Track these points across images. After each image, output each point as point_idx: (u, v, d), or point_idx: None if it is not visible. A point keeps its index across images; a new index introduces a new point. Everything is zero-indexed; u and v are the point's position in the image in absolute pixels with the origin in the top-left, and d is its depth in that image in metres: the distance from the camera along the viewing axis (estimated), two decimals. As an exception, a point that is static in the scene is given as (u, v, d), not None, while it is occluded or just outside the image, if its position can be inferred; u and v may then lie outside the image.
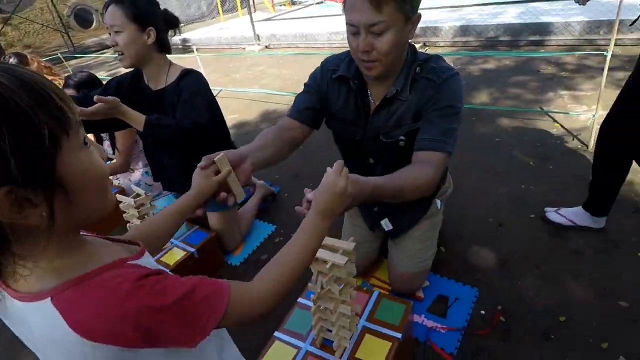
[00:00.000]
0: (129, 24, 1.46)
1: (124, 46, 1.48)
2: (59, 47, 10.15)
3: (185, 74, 1.60)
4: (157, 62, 1.59)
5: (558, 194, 2.06)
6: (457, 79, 1.14)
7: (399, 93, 1.14)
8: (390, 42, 1.01)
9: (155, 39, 1.53)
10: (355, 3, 0.98)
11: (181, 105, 1.54)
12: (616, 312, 1.42)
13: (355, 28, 1.01)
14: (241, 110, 4.11)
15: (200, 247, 1.79)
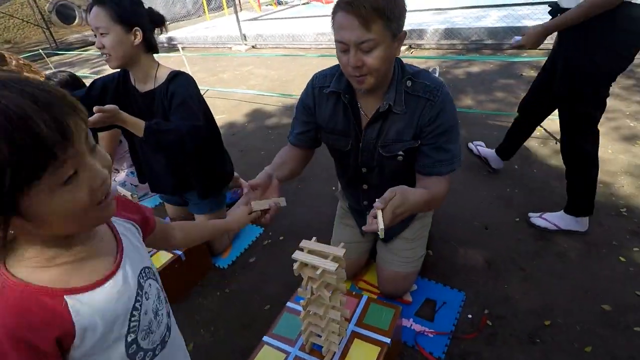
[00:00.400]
0: (114, 26, 1.42)
1: (110, 48, 1.44)
2: (40, 43, 9.90)
3: (174, 76, 1.57)
4: (144, 62, 1.56)
5: (542, 197, 2.10)
6: (449, 94, 1.20)
7: (392, 107, 1.18)
8: (380, 58, 1.05)
9: (142, 38, 1.49)
10: (345, 22, 1.02)
11: (176, 110, 1.51)
12: (599, 316, 1.45)
13: (345, 45, 1.05)
14: (229, 110, 4.07)
15: (187, 249, 1.76)
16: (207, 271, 1.91)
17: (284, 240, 2.06)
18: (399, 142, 1.24)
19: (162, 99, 1.56)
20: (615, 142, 2.51)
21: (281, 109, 3.90)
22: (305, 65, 5.25)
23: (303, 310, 1.12)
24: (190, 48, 7.54)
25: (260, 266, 1.92)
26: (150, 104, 1.60)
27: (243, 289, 1.80)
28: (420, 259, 1.58)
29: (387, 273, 1.55)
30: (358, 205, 1.53)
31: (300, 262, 1.02)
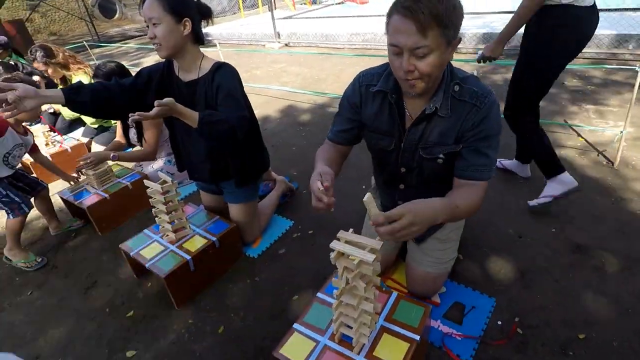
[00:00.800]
0: (166, 16, 1.48)
1: (162, 38, 1.50)
2: (83, 36, 10.36)
3: (219, 67, 1.62)
4: (191, 53, 1.61)
5: (580, 208, 2.04)
6: (497, 103, 1.18)
7: (438, 110, 1.18)
8: (433, 64, 1.04)
9: (191, 29, 1.55)
10: (401, 27, 1.00)
11: (224, 101, 1.56)
12: (639, 333, 1.40)
13: (399, 49, 1.04)
14: (262, 106, 4.14)
15: (221, 236, 1.81)
16: (238, 259, 1.97)
17: (313, 234, 2.09)
18: (440, 145, 1.24)
19: (206, 88, 1.61)
20: (662, 156, 2.40)
21: (313, 107, 3.94)
22: (338, 65, 5.27)
23: (336, 300, 1.14)
24: (225, 44, 7.71)
25: (290, 258, 1.95)
26: (192, 93, 1.65)
27: (273, 278, 1.84)
28: (451, 261, 1.57)
29: (417, 273, 1.55)
30: (392, 204, 1.53)
31: (338, 251, 1.04)
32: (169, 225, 1.79)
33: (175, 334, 1.62)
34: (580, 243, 1.82)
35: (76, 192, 2.39)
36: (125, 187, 2.39)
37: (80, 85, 1.56)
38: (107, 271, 2.03)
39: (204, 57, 1.67)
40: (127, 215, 2.46)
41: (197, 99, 1.64)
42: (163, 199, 1.69)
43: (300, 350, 1.22)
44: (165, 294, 1.76)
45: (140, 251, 1.78)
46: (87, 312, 1.79)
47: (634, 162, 2.38)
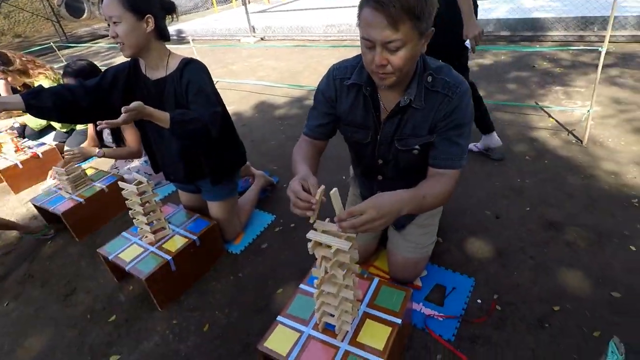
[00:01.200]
0: (126, 13, 1.43)
1: (124, 37, 1.46)
2: (51, 37, 10.01)
3: (187, 64, 1.58)
4: (156, 50, 1.57)
5: (554, 187, 2.10)
6: (469, 92, 1.18)
7: (412, 102, 1.17)
8: (405, 58, 1.03)
9: (154, 26, 1.51)
10: (372, 21, 0.97)
11: (195, 99, 1.53)
12: (609, 303, 1.46)
13: (370, 43, 1.02)
14: (239, 101, 4.10)
15: (201, 234, 1.80)
16: (220, 257, 1.96)
17: (295, 227, 2.09)
18: (415, 137, 1.24)
19: (175, 86, 1.58)
20: (628, 133, 2.49)
21: (290, 100, 3.92)
22: (314, 57, 5.25)
23: (317, 290, 1.15)
24: (199, 40, 7.57)
25: (273, 252, 1.95)
26: (161, 92, 1.62)
27: (256, 273, 1.84)
28: (431, 246, 1.60)
29: (398, 259, 1.57)
30: (371, 193, 1.55)
31: (315, 241, 1.05)
32: (147, 227, 1.76)
33: (159, 335, 1.60)
34: (553, 220, 1.88)
35: (50, 198, 2.33)
36: (101, 190, 2.33)
37: (41, 89, 1.51)
38: (86, 277, 1.99)
39: (171, 54, 1.63)
40: (104, 219, 2.41)
41: (166, 97, 1.61)
42: (139, 201, 1.66)
43: (284, 342, 1.23)
44: (147, 296, 1.74)
45: (119, 254, 1.75)
46: (67, 319, 1.76)
47: (602, 140, 2.46)
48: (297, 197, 1.01)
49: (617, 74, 3.35)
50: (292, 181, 1.06)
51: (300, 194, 1.01)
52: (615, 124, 2.62)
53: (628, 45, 3.99)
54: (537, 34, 4.54)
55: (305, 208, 1.00)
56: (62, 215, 2.16)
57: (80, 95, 1.58)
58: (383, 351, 1.16)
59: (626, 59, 3.66)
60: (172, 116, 1.41)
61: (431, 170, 1.24)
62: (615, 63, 3.57)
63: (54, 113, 1.54)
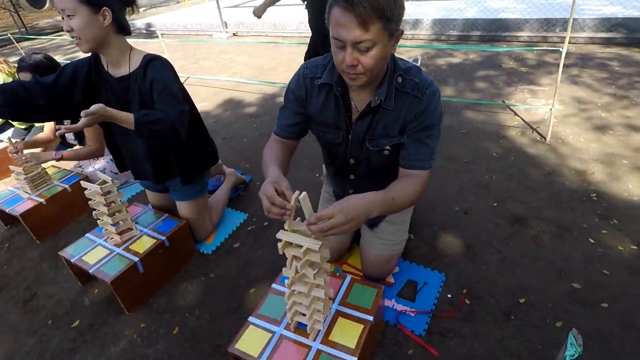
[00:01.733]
0: (80, 6, 1.35)
1: (79, 31, 1.37)
2: (9, 28, 9.47)
3: (150, 60, 1.51)
4: (116, 45, 1.49)
5: (519, 182, 2.18)
6: (438, 93, 1.19)
7: (383, 102, 1.18)
8: (376, 58, 1.03)
9: (112, 19, 1.42)
10: (342, 21, 0.97)
11: (160, 98, 1.47)
12: (570, 293, 1.53)
13: (341, 42, 1.01)
14: (211, 98, 4.01)
15: (170, 235, 1.75)
16: (191, 257, 1.91)
17: (267, 226, 2.07)
18: (386, 137, 1.25)
19: (139, 84, 1.51)
20: (588, 131, 2.61)
21: (263, 97, 3.87)
22: (286, 54, 5.21)
23: (288, 289, 1.14)
24: (169, 35, 7.36)
25: (245, 251, 1.93)
26: (125, 89, 1.55)
27: (228, 273, 1.81)
28: (403, 242, 1.62)
29: (371, 256, 1.59)
30: (344, 192, 1.55)
31: (285, 240, 1.04)
32: (112, 228, 1.69)
33: (126, 339, 1.55)
34: (519, 215, 1.95)
35: (7, 198, 2.20)
36: (63, 190, 2.23)
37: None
38: (47, 281, 1.90)
39: (133, 50, 1.55)
40: (68, 220, 2.30)
41: (131, 95, 1.54)
42: (104, 201, 1.59)
43: (255, 343, 1.21)
44: (114, 300, 1.68)
45: (82, 257, 1.68)
46: (27, 326, 1.67)
47: (564, 137, 2.57)
48: (271, 202, 1.00)
49: (577, 74, 3.51)
50: (265, 184, 1.04)
51: (274, 199, 1.00)
52: (576, 122, 2.74)
53: (586, 47, 4.18)
54: (504, 34, 4.69)
55: (280, 214, 1.00)
56: (20, 217, 2.05)
57: (36, 92, 1.49)
58: (355, 349, 1.16)
59: (585, 59, 3.83)
60: (137, 117, 1.36)
61: (401, 171, 1.25)
62: (575, 63, 3.74)
63: (7, 110, 1.44)
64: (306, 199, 0.96)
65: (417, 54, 4.41)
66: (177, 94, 1.50)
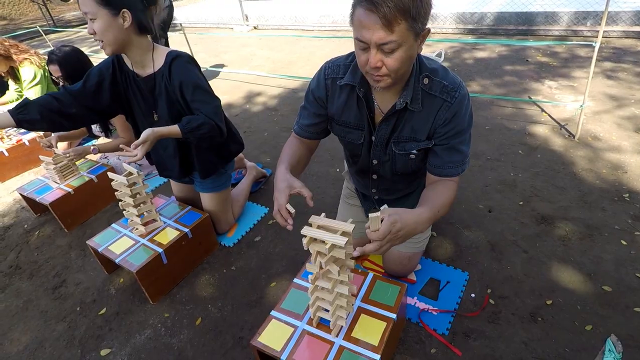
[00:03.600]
0: (101, 10, 1.36)
1: (100, 34, 1.40)
2: (37, 20, 9.74)
3: (173, 59, 1.53)
4: (139, 45, 1.50)
5: (545, 180, 2.11)
6: (467, 95, 1.15)
7: (408, 104, 1.14)
8: (401, 59, 0.99)
9: (132, 20, 1.42)
10: (366, 21, 0.93)
11: (194, 97, 1.52)
12: (600, 296, 1.48)
13: (365, 44, 0.98)
14: (231, 91, 4.03)
15: (193, 227, 1.77)
16: (213, 249, 1.93)
17: (288, 220, 2.07)
18: (413, 141, 1.22)
19: (165, 83, 1.54)
20: (620, 129, 2.51)
21: (284, 91, 3.87)
22: (308, 47, 5.19)
23: (311, 285, 1.14)
24: (191, 28, 7.42)
25: (266, 245, 1.94)
26: (152, 88, 1.58)
27: (249, 266, 1.82)
28: (425, 240, 1.59)
29: (393, 253, 1.57)
30: (366, 190, 1.54)
31: (309, 236, 1.03)
32: (137, 219, 1.73)
33: (151, 328, 1.59)
34: (546, 214, 1.90)
35: (37, 187, 2.27)
36: (90, 180, 2.29)
37: (27, 102, 1.47)
38: (75, 269, 1.96)
39: (155, 48, 1.56)
40: (94, 210, 2.36)
41: (158, 93, 1.59)
42: (130, 192, 1.62)
43: (278, 337, 1.22)
44: (138, 289, 1.72)
45: (109, 246, 1.72)
46: (56, 312, 1.73)
47: (594, 135, 2.48)
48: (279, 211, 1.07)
49: (610, 69, 3.37)
50: (280, 192, 1.09)
51: (282, 210, 1.07)
52: (608, 119, 2.64)
53: (621, 41, 4.01)
54: (532, 28, 4.54)
55: (283, 224, 1.07)
56: (50, 206, 2.11)
57: (67, 101, 1.54)
58: (378, 346, 1.15)
59: (618, 54, 3.68)
60: (182, 128, 1.45)
61: (432, 178, 1.22)
62: (608, 58, 3.59)
63: (44, 124, 1.51)
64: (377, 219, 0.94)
65: (441, 48, 4.32)
66: (208, 88, 1.54)
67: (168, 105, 1.58)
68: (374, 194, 1.50)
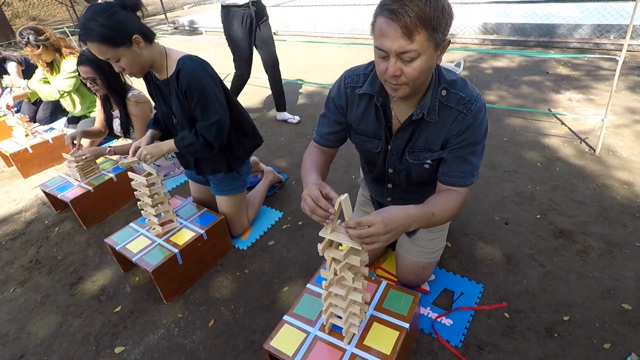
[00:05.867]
0: (117, 50, 1.42)
1: (130, 67, 1.48)
2: (65, 21, 10.04)
3: (182, 66, 1.56)
4: (153, 56, 1.55)
5: (564, 194, 2.08)
6: (484, 108, 1.15)
7: (425, 115, 1.15)
8: (420, 69, 0.99)
9: (142, 38, 1.47)
10: (387, 30, 0.94)
11: (196, 108, 1.59)
12: (619, 314, 1.44)
13: (384, 52, 0.99)
14: (250, 96, 4.08)
15: (209, 229, 1.79)
16: (227, 252, 1.95)
17: (302, 225, 2.08)
18: (427, 151, 1.22)
19: (176, 88, 1.60)
20: (643, 143, 2.46)
21: (302, 96, 3.90)
22: (327, 54, 5.22)
23: (325, 291, 1.14)
24: (212, 32, 7.55)
25: (279, 249, 1.95)
26: (168, 91, 1.65)
27: (262, 270, 1.84)
28: (440, 250, 1.58)
29: (407, 262, 1.56)
30: (382, 199, 1.54)
31: (326, 242, 1.04)
32: (155, 219, 1.76)
33: (164, 328, 1.61)
34: (564, 228, 1.86)
35: (59, 184, 2.33)
36: (109, 179, 2.34)
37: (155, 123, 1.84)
38: (93, 266, 2.00)
39: (168, 54, 1.60)
40: (113, 208, 2.41)
41: (172, 98, 1.65)
42: (148, 192, 1.66)
43: (290, 342, 1.22)
44: (153, 288, 1.75)
45: (126, 245, 1.75)
46: (73, 308, 1.77)
47: (615, 149, 2.43)
48: (317, 203, 0.99)
49: (634, 83, 3.30)
50: (310, 186, 1.04)
51: (319, 201, 0.99)
52: (629, 134, 2.58)
53: (645, 54, 3.93)
54: (553, 40, 4.48)
55: (324, 216, 0.99)
56: (70, 203, 2.17)
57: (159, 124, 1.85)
58: (390, 355, 1.15)
59: (642, 67, 3.60)
60: (176, 145, 1.66)
61: (441, 186, 1.22)
62: (631, 72, 3.52)
63: None
64: (348, 201, 0.95)
65: (460, 57, 4.29)
66: (210, 102, 1.58)
67: (181, 110, 1.64)
68: (389, 202, 1.50)
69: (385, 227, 0.95)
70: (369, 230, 0.94)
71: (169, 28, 8.42)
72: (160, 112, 1.79)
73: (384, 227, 0.94)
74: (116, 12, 1.40)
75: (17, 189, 2.85)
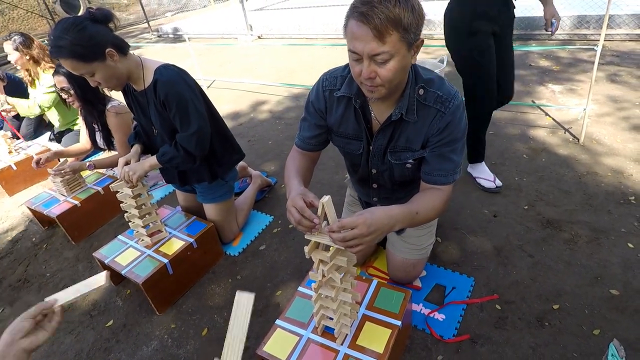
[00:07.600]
0: (91, 65, 1.40)
1: (106, 81, 1.46)
2: (46, 35, 9.91)
3: (159, 77, 1.54)
4: (128, 67, 1.53)
5: (550, 185, 2.10)
6: (462, 105, 1.16)
7: (404, 115, 1.15)
8: (394, 70, 1.00)
9: (115, 50, 1.44)
10: (358, 33, 0.94)
11: (174, 118, 1.57)
12: (607, 300, 1.46)
13: (358, 55, 0.99)
14: (236, 100, 4.07)
15: (198, 237, 1.79)
16: (218, 259, 1.94)
17: (293, 228, 2.08)
18: (408, 151, 1.23)
19: (154, 99, 1.58)
20: (624, 131, 2.50)
21: (288, 99, 3.90)
22: (311, 56, 5.23)
23: (315, 293, 1.14)
24: (196, 38, 7.52)
25: (271, 254, 1.94)
26: (146, 102, 1.64)
27: (254, 275, 1.83)
28: (430, 246, 1.59)
29: (397, 260, 1.57)
30: (367, 198, 1.55)
31: (312, 244, 1.04)
32: (143, 230, 1.75)
33: (157, 340, 1.59)
34: (551, 218, 1.88)
35: (44, 200, 2.30)
36: (96, 192, 2.31)
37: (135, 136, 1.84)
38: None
39: (144, 65, 1.58)
40: (101, 222, 2.39)
41: (150, 109, 1.63)
42: (135, 203, 1.64)
43: (283, 346, 1.22)
44: (145, 300, 1.73)
45: (115, 258, 1.74)
46: (64, 325, 1.74)
47: (598, 138, 2.46)
48: (302, 214, 1.00)
49: (614, 72, 3.36)
50: (294, 197, 1.04)
51: (304, 211, 1.00)
52: (611, 122, 2.63)
53: (624, 44, 4.00)
54: (534, 32, 4.54)
55: (309, 227, 1.00)
56: (57, 218, 2.14)
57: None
58: (383, 354, 1.15)
59: (622, 57, 3.67)
60: (158, 160, 1.64)
61: (424, 185, 1.23)
62: (611, 61, 3.58)
63: None
64: (330, 203, 0.95)
65: (444, 54, 4.33)
66: (189, 111, 1.56)
67: (161, 120, 1.62)
68: (376, 202, 1.51)
69: (368, 228, 0.95)
70: (352, 233, 0.94)
71: (152, 36, 8.37)
72: (139, 123, 1.77)
73: (367, 229, 0.95)
74: (86, 26, 1.36)
75: (3, 207, 2.81)
